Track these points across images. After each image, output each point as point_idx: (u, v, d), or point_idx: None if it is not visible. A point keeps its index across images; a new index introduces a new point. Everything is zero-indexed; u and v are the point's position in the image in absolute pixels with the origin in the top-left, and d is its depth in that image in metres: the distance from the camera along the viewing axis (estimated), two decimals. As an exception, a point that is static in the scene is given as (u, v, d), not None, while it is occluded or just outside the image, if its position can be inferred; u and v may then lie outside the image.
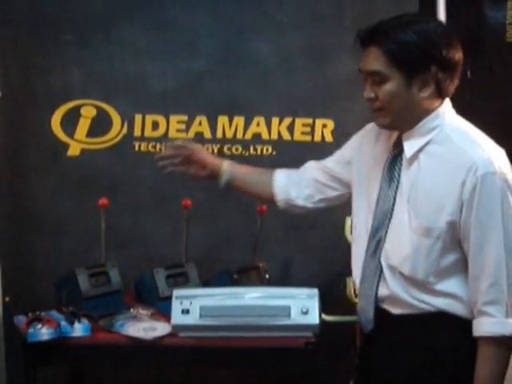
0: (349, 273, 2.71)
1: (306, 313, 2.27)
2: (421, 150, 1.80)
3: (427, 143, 1.79)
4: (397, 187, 1.84)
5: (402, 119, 1.79)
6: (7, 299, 2.83)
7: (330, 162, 2.10)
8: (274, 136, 2.87)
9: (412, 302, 1.81)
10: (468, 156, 1.72)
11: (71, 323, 2.35)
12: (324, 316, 2.30)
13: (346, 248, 2.76)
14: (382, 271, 1.85)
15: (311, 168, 2.14)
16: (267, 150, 2.88)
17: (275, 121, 2.87)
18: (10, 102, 2.82)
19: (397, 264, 1.82)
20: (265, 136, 2.87)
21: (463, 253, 1.77)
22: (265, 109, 2.86)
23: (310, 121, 2.87)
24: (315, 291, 2.33)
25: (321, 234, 2.83)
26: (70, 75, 2.85)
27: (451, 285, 1.79)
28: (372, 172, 1.93)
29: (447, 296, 1.79)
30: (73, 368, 2.85)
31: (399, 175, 1.84)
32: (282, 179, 2.16)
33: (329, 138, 2.87)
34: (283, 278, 2.83)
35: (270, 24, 2.84)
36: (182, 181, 2.78)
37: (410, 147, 1.81)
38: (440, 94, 1.78)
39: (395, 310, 1.85)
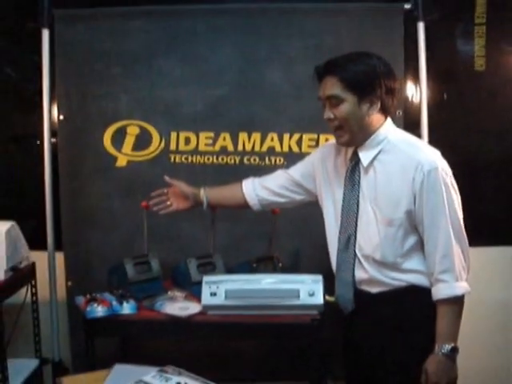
0: None
1: (312, 295, 2.27)
2: (374, 158, 1.88)
3: (379, 153, 1.88)
4: (358, 191, 1.91)
5: (357, 134, 1.87)
6: (70, 283, 2.89)
7: (295, 173, 2.17)
8: (286, 149, 2.85)
9: (386, 280, 1.88)
10: (414, 158, 1.81)
11: (121, 303, 2.36)
12: (327, 297, 2.29)
13: None
14: (356, 260, 1.91)
15: (280, 175, 2.21)
16: (279, 160, 2.85)
17: (286, 136, 2.85)
18: (71, 123, 2.86)
19: (370, 252, 1.89)
20: (278, 149, 2.85)
21: (419, 235, 1.85)
22: (277, 126, 2.84)
23: (315, 136, 2.84)
24: (320, 277, 2.33)
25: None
26: (118, 101, 2.85)
27: (414, 263, 1.87)
28: (335, 180, 2.00)
29: (413, 272, 1.87)
30: (122, 339, 2.86)
31: (359, 181, 1.91)
32: (248, 187, 2.24)
33: (330, 150, 2.83)
34: (293, 266, 2.81)
35: (280, 56, 2.82)
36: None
37: (365, 157, 1.89)
38: (384, 112, 1.87)
39: (374, 290, 1.91)
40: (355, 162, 1.93)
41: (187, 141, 2.87)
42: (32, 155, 3.00)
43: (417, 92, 2.91)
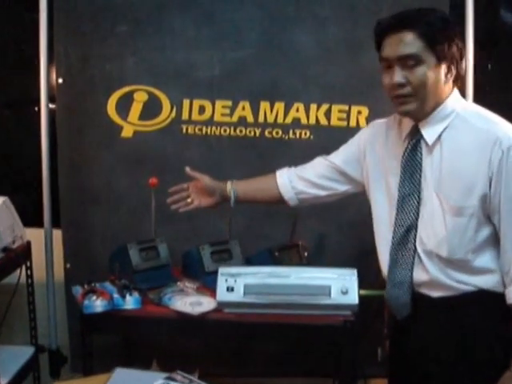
0: None
1: (345, 293, 1.96)
2: (440, 135, 1.60)
3: (445, 128, 1.60)
4: (420, 175, 1.61)
5: (427, 104, 1.58)
6: (68, 266, 2.67)
7: (337, 158, 1.88)
8: (312, 121, 2.56)
9: (451, 283, 1.60)
10: (490, 133, 1.55)
11: (123, 296, 2.07)
12: (361, 291, 2.02)
13: None
14: (415, 257, 1.63)
15: (319, 163, 1.91)
16: (305, 134, 2.56)
17: (313, 107, 2.56)
18: (71, 87, 2.62)
19: (434, 248, 1.60)
20: (303, 121, 2.56)
21: (494, 227, 1.59)
22: (304, 95, 2.56)
23: (346, 107, 2.55)
24: (354, 272, 2.01)
25: (355, 213, 2.50)
26: (124, 63, 2.59)
27: (486, 260, 1.60)
28: (388, 165, 1.71)
29: (484, 272, 1.60)
30: (125, 337, 2.61)
31: (421, 163, 1.62)
32: (283, 178, 1.95)
33: (363, 123, 2.53)
34: (319, 254, 2.53)
35: (309, 16, 2.53)
36: (226, 161, 2.56)
37: (429, 134, 1.61)
38: (456, 80, 1.61)
39: (434, 294, 1.62)
40: (416, 140, 1.63)
41: (201, 110, 2.59)
42: (29, 123, 2.79)
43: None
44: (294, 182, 1.92)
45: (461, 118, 1.59)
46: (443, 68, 1.54)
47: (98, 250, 2.58)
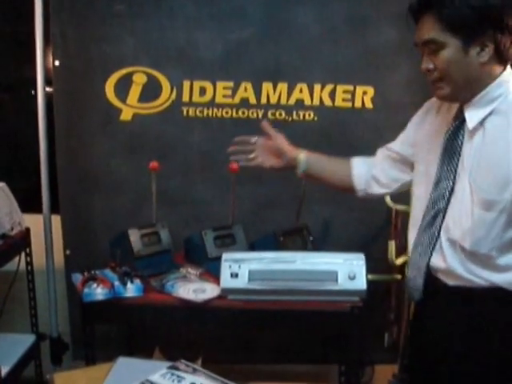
0: (389, 236, 2.36)
1: (353, 278, 1.89)
2: (484, 120, 1.46)
3: (490, 113, 1.45)
4: (458, 159, 1.49)
5: (462, 88, 1.46)
6: (68, 252, 2.60)
7: (395, 143, 1.73)
8: (316, 102, 2.47)
9: (468, 276, 1.48)
10: None
11: (124, 284, 2.00)
12: (369, 276, 1.94)
13: (384, 210, 2.40)
14: (437, 243, 1.51)
15: (382, 157, 1.77)
16: (309, 115, 2.47)
17: (317, 87, 2.46)
18: (68, 69, 2.51)
19: (458, 238, 1.47)
20: (307, 102, 2.47)
21: None
22: (307, 76, 2.46)
23: (351, 87, 2.46)
24: (362, 256, 1.93)
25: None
26: (122, 44, 2.49)
27: None
28: (432, 144, 1.58)
29: (506, 270, 1.47)
30: (127, 325, 2.53)
31: (461, 147, 1.49)
32: (359, 171, 1.79)
33: (369, 104, 2.45)
34: (325, 238, 2.46)
35: None
36: (228, 144, 2.46)
37: (472, 118, 1.46)
38: (500, 59, 1.43)
39: (450, 282, 1.52)
40: (459, 122, 1.51)
41: (202, 91, 2.50)
42: (26, 107, 2.68)
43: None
44: (368, 179, 1.78)
45: (508, 103, 1.45)
46: (474, 50, 1.41)
47: (99, 235, 2.51)
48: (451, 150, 1.50)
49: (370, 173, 1.76)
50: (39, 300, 2.61)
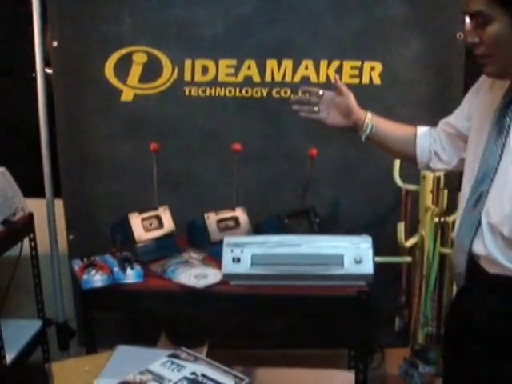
0: (399, 218, 2.27)
1: (359, 262, 1.80)
2: None
3: None
4: (504, 140, 1.39)
5: (510, 66, 1.36)
6: (71, 237, 2.53)
7: (452, 119, 1.63)
8: (323, 79, 2.36)
9: (507, 264, 1.38)
10: None
11: (124, 270, 1.93)
12: (376, 258, 1.85)
13: (393, 190, 2.30)
14: (479, 227, 1.41)
15: (440, 131, 1.67)
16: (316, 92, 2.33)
17: (323, 64, 2.35)
18: (66, 50, 2.42)
19: (497, 223, 1.38)
20: (313, 79, 2.36)
21: None
22: (313, 52, 2.36)
23: (359, 63, 2.34)
24: (369, 239, 1.84)
25: (369, 177, 2.36)
26: (121, 23, 2.38)
27: None
28: (482, 122, 1.47)
29: None
30: (128, 312, 2.47)
31: (509, 127, 1.38)
32: (423, 142, 1.68)
33: (377, 80, 2.34)
34: (332, 220, 2.37)
35: None
36: (232, 124, 2.41)
37: None
38: None
39: (491, 270, 1.42)
40: (508, 99, 1.41)
41: (204, 70, 2.40)
42: (26, 90, 2.57)
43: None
44: (431, 152, 1.68)
45: None
46: None
47: (102, 219, 2.43)
48: (499, 129, 1.40)
49: (432, 146, 1.66)
50: (45, 285, 2.56)
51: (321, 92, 1.69)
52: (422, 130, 1.68)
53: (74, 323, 2.66)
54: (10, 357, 2.24)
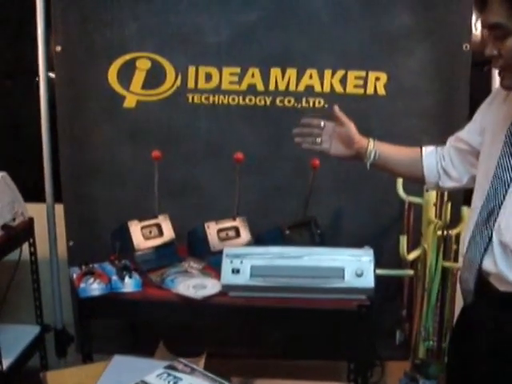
0: (401, 230, 2.25)
1: (360, 275, 1.78)
2: None
3: None
4: None
5: None
6: (71, 243, 2.53)
7: (463, 134, 1.59)
8: (327, 89, 2.35)
9: None
10: None
11: (122, 278, 1.91)
12: (377, 271, 1.84)
13: (396, 203, 2.28)
14: (489, 244, 1.38)
15: (450, 147, 1.63)
16: (319, 102, 2.36)
17: (328, 73, 2.34)
18: (69, 55, 2.42)
19: (509, 241, 1.34)
20: (317, 88, 2.35)
21: None
22: (317, 61, 2.35)
23: (363, 73, 2.33)
24: (370, 252, 1.82)
25: (372, 188, 2.34)
26: (125, 29, 2.39)
27: None
28: (495, 135, 1.43)
29: None
30: (126, 321, 2.47)
31: None
32: (430, 162, 1.65)
33: (381, 91, 2.32)
34: (335, 233, 2.36)
35: None
36: (235, 132, 2.39)
37: None
38: None
39: (501, 287, 1.39)
40: None
41: (208, 77, 2.40)
42: (28, 94, 2.59)
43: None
44: (439, 170, 1.66)
45: None
46: None
47: (102, 226, 2.43)
48: None
49: (439, 164, 1.63)
50: (43, 291, 2.55)
51: (322, 123, 1.68)
52: (427, 149, 1.66)
53: (72, 329, 2.64)
54: (6, 362, 2.23)
